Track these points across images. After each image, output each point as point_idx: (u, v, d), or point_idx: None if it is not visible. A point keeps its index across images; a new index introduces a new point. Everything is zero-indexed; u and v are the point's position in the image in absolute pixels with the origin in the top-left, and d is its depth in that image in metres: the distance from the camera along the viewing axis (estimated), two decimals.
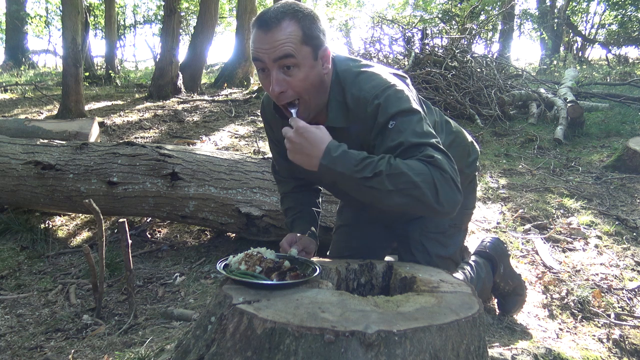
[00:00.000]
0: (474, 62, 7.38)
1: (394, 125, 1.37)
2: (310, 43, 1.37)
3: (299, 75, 1.37)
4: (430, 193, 1.27)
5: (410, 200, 1.29)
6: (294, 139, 1.32)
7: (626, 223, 3.38)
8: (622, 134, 5.82)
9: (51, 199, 3.40)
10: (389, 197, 1.29)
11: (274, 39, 1.32)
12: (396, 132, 1.36)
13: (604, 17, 17.44)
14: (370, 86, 1.42)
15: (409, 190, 1.27)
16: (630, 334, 2.17)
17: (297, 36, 1.34)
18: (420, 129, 1.37)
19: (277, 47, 1.32)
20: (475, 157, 1.86)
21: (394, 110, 1.38)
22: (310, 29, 1.37)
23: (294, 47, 1.33)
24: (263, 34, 1.34)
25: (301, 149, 1.32)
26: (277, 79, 1.36)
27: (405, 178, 1.27)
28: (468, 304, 1.29)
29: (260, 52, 1.35)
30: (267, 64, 1.35)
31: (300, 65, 1.36)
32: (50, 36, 23.22)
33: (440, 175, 1.28)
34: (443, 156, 1.33)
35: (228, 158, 3.19)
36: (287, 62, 1.34)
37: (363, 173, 1.29)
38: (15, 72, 14.20)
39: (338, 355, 1.08)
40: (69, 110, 6.63)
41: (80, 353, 2.13)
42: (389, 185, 1.27)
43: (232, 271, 1.40)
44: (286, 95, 1.39)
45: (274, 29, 1.32)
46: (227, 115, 7.29)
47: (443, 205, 1.29)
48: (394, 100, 1.39)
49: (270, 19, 1.33)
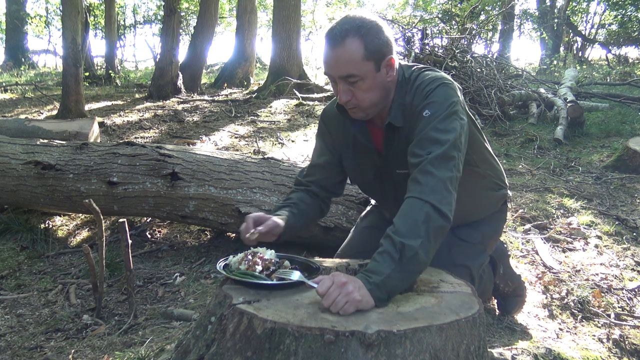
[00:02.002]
0: (474, 62, 7.37)
1: (427, 115, 1.47)
2: (373, 57, 1.47)
3: (362, 87, 1.48)
4: (440, 227, 1.35)
5: (437, 240, 1.36)
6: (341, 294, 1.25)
7: (626, 223, 3.38)
8: (622, 134, 5.81)
9: (51, 199, 3.40)
10: (429, 253, 1.34)
11: (338, 57, 1.45)
12: (425, 122, 1.47)
13: (604, 17, 17.44)
14: (429, 77, 1.54)
15: (429, 237, 1.33)
16: (630, 334, 2.17)
17: (359, 54, 1.44)
18: (445, 125, 1.45)
19: (340, 67, 1.46)
20: (504, 190, 1.90)
21: (433, 99, 1.48)
22: (372, 43, 1.46)
23: (355, 66, 1.45)
24: (330, 51, 1.47)
25: (351, 298, 1.25)
26: (343, 90, 1.49)
27: (418, 246, 1.30)
28: (468, 304, 1.29)
29: (329, 68, 1.49)
30: (334, 77, 1.49)
31: (364, 78, 1.47)
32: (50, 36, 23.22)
33: (436, 202, 1.35)
34: (442, 164, 1.40)
35: (228, 158, 3.19)
36: (351, 80, 1.47)
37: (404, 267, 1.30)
38: (15, 72, 14.20)
39: (338, 355, 1.08)
40: (69, 110, 6.63)
41: (80, 353, 2.13)
42: (422, 253, 1.31)
43: (232, 271, 1.40)
44: (351, 103, 1.52)
45: (338, 47, 1.44)
46: (227, 115, 7.29)
47: (449, 219, 1.38)
48: (439, 93, 1.49)
49: (335, 36, 1.45)
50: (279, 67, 9.42)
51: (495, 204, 1.90)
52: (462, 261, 1.77)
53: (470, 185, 1.71)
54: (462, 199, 1.56)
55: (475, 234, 1.84)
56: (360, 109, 1.53)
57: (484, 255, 1.89)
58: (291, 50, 9.48)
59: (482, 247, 1.87)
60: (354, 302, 1.21)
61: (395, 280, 1.28)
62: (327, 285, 1.24)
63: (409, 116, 1.54)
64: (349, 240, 2.01)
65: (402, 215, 1.36)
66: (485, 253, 1.90)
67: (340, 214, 2.81)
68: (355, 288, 1.23)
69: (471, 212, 1.83)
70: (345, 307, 1.20)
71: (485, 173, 1.78)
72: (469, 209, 1.79)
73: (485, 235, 1.87)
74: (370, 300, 1.24)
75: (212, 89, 10.76)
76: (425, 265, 1.34)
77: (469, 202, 1.75)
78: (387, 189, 1.73)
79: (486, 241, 1.89)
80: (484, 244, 1.88)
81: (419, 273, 1.37)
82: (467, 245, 1.82)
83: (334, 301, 1.21)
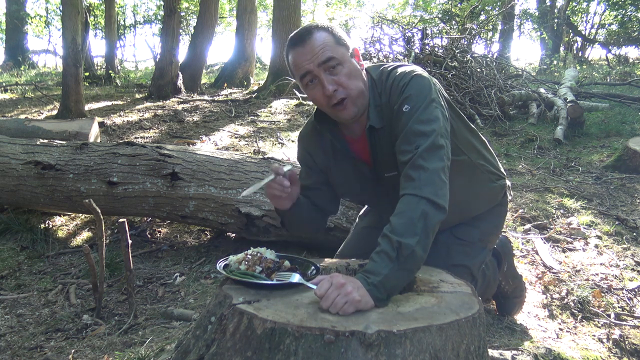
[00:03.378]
0: (474, 62, 7.37)
1: (407, 109, 1.47)
2: (342, 44, 1.53)
3: (343, 71, 1.50)
4: (437, 222, 1.36)
5: (434, 233, 1.37)
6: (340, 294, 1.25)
7: (626, 223, 3.38)
8: (622, 134, 5.81)
9: (51, 199, 3.40)
10: (425, 248, 1.34)
11: (313, 46, 1.48)
12: (407, 116, 1.47)
13: (604, 17, 17.43)
14: (399, 73, 1.55)
15: (426, 234, 1.34)
16: (630, 334, 2.17)
17: (331, 40, 1.50)
18: (426, 116, 1.45)
19: (317, 53, 1.48)
20: (502, 181, 1.86)
21: (409, 93, 1.49)
22: (336, 34, 1.54)
23: (331, 49, 1.49)
24: (302, 48, 1.49)
25: (350, 299, 1.25)
26: (327, 79, 1.49)
27: (417, 239, 1.31)
28: (468, 304, 1.29)
29: (305, 64, 1.49)
30: (314, 71, 1.49)
31: (342, 62, 1.50)
32: (50, 36, 23.20)
33: (432, 195, 1.36)
34: (432, 155, 1.40)
35: (228, 158, 3.19)
36: (331, 64, 1.48)
37: (402, 265, 1.30)
38: (15, 72, 14.19)
39: (338, 355, 1.08)
40: (69, 110, 6.63)
41: (80, 353, 2.13)
42: (419, 250, 1.31)
43: (232, 271, 1.40)
44: (339, 93, 1.50)
45: (309, 41, 1.49)
46: (227, 115, 7.29)
47: (446, 209, 1.38)
48: (414, 85, 1.50)
49: (303, 35, 1.50)
50: (279, 67, 9.42)
51: (495, 196, 1.85)
52: (461, 261, 1.76)
53: (464, 178, 1.68)
54: (458, 194, 1.55)
55: (474, 232, 1.82)
56: (351, 99, 1.51)
57: (484, 252, 1.87)
58: None
59: (481, 244, 1.85)
60: (353, 302, 1.21)
61: (393, 280, 1.28)
62: (325, 287, 1.24)
63: (388, 116, 1.54)
64: (348, 241, 2.01)
65: (399, 214, 1.36)
66: (486, 250, 1.88)
67: (340, 214, 2.81)
68: (354, 288, 1.23)
69: (470, 208, 1.80)
70: (344, 307, 1.20)
71: (476, 162, 1.74)
72: (467, 204, 1.76)
73: (484, 232, 1.85)
74: (369, 301, 1.24)
75: (212, 89, 10.76)
76: (423, 261, 1.34)
77: (467, 196, 1.72)
78: (379, 194, 1.71)
79: (486, 238, 1.86)
80: (483, 242, 1.85)
81: (417, 270, 1.38)
82: (466, 245, 1.80)
83: (332, 302, 1.21)
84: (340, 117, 1.56)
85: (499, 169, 1.85)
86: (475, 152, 1.75)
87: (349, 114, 1.53)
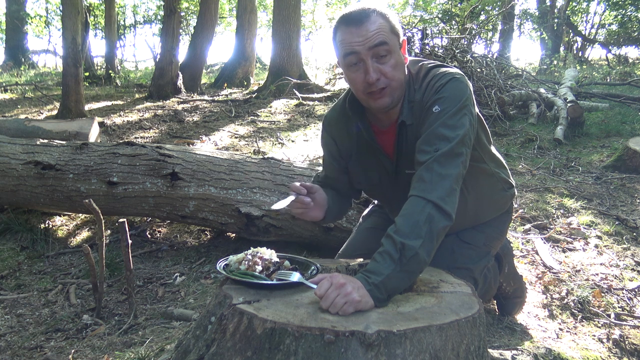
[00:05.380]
0: (474, 62, 7.36)
1: (437, 110, 1.46)
2: (395, 34, 1.48)
3: (390, 62, 1.47)
4: (442, 227, 1.35)
5: (438, 239, 1.36)
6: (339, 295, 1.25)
7: (626, 223, 3.38)
8: (622, 134, 5.81)
9: (51, 199, 3.40)
10: (429, 253, 1.34)
11: (368, 29, 1.43)
12: (435, 117, 1.45)
13: (604, 17, 17.44)
14: (439, 73, 1.53)
15: (430, 238, 1.33)
16: (630, 334, 2.17)
17: (387, 27, 1.46)
18: (454, 121, 1.43)
19: (371, 37, 1.43)
20: (512, 190, 1.88)
21: (443, 94, 1.47)
22: (392, 21, 1.49)
23: (386, 35, 1.45)
24: (355, 28, 1.44)
25: (350, 299, 1.25)
26: (373, 67, 1.45)
27: (422, 239, 1.31)
28: (468, 304, 1.28)
29: (355, 45, 1.44)
30: (362, 54, 1.44)
31: (392, 52, 1.46)
32: (50, 36, 23.21)
33: (439, 201, 1.35)
34: (449, 161, 1.39)
35: (228, 158, 3.19)
36: (382, 50, 1.44)
37: (404, 267, 1.30)
38: (15, 72, 14.19)
39: (338, 355, 1.08)
40: (69, 110, 6.63)
41: (80, 353, 2.13)
42: (422, 253, 1.31)
43: (232, 271, 1.40)
44: (380, 82, 1.47)
45: (365, 22, 1.44)
46: (227, 115, 7.29)
47: (452, 217, 1.37)
48: (450, 87, 1.48)
49: (359, 15, 1.45)
50: (279, 67, 9.42)
51: (504, 204, 1.87)
52: (465, 264, 1.76)
53: (481, 186, 1.69)
54: (474, 199, 1.55)
55: (480, 237, 1.82)
56: (390, 89, 1.48)
57: (488, 257, 1.87)
58: (291, 50, 9.48)
59: (485, 249, 1.85)
60: (353, 302, 1.20)
61: (395, 281, 1.28)
62: (325, 287, 1.23)
63: (418, 113, 1.52)
64: (351, 241, 2.00)
65: (404, 215, 1.35)
66: (489, 255, 1.88)
67: None
68: (354, 288, 1.22)
69: (483, 213, 1.82)
70: (344, 307, 1.19)
71: (493, 171, 1.75)
72: (481, 210, 1.78)
73: (489, 237, 1.85)
74: (369, 301, 1.24)
75: (212, 89, 10.76)
76: (426, 265, 1.34)
77: (481, 202, 1.74)
78: (395, 190, 1.70)
79: (490, 243, 1.87)
80: (487, 246, 1.86)
81: (419, 273, 1.37)
82: (471, 248, 1.80)
83: (332, 302, 1.20)
84: (373, 105, 1.53)
85: (510, 178, 1.87)
86: (495, 161, 1.77)
87: (383, 103, 1.51)
